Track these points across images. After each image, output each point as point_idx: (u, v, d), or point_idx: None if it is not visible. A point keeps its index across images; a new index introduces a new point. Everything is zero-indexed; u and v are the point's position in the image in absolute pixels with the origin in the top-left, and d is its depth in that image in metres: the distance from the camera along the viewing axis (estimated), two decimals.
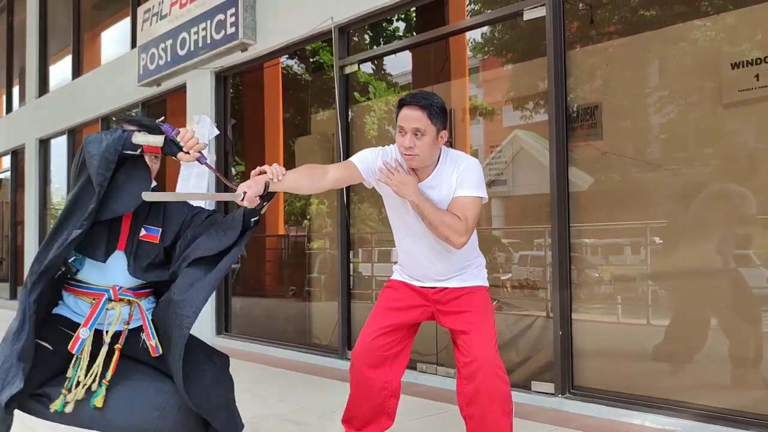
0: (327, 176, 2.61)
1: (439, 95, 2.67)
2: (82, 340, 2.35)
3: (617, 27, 4.19)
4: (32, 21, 11.42)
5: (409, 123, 2.55)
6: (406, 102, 2.59)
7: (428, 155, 2.59)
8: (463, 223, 2.52)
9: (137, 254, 2.45)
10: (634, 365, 3.86)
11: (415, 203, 2.56)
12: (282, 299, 7.01)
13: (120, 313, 2.43)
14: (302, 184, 2.55)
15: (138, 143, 2.27)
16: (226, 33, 6.35)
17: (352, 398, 2.83)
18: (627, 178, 3.95)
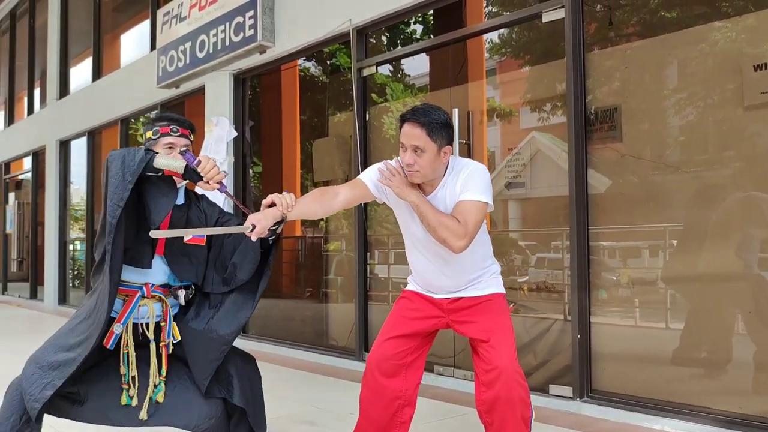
0: (337, 198, 2.61)
1: (443, 109, 2.61)
2: (116, 335, 2.43)
3: (636, 29, 4.16)
4: (53, 24, 11.56)
5: (408, 140, 2.52)
6: (406, 118, 2.55)
7: (430, 171, 2.56)
8: (462, 227, 2.47)
9: (182, 258, 2.53)
10: (653, 369, 3.83)
11: (415, 204, 2.53)
12: (299, 300, 7.04)
13: (153, 309, 2.50)
14: (312, 209, 2.57)
15: (159, 167, 2.30)
16: (244, 35, 6.39)
17: (363, 413, 2.76)
18: (646, 180, 3.93)
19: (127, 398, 2.47)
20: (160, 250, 2.51)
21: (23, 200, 13.40)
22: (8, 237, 13.83)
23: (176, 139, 2.53)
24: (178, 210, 2.57)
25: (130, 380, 2.47)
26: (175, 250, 2.52)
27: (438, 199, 2.61)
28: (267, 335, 6.62)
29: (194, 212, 2.63)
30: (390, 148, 5.52)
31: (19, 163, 13.74)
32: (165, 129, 2.53)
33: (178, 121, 2.56)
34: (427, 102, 2.66)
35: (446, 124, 2.54)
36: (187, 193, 2.67)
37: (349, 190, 2.66)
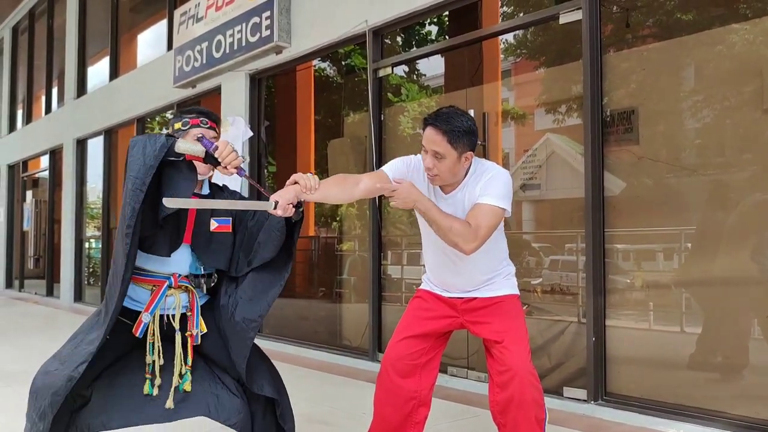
0: (358, 186, 2.59)
1: (467, 114, 2.59)
2: (144, 323, 2.45)
3: (653, 30, 4.14)
4: (71, 23, 11.67)
5: (429, 145, 2.52)
6: (428, 122, 2.54)
7: (449, 176, 2.57)
8: (473, 230, 2.46)
9: (211, 247, 2.54)
10: (669, 373, 3.81)
11: (422, 210, 2.52)
12: (312, 300, 7.06)
13: (179, 299, 2.52)
14: (333, 194, 2.54)
15: (180, 152, 2.31)
16: (261, 36, 6.42)
17: (377, 413, 2.76)
18: (663, 183, 3.91)
19: (149, 388, 2.48)
20: (187, 239, 2.52)
21: (40, 198, 13.54)
22: (25, 234, 13.97)
23: (205, 131, 2.55)
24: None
25: (156, 369, 2.49)
26: (202, 238, 2.54)
27: (457, 200, 2.62)
28: (281, 335, 6.64)
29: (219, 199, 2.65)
30: (404, 148, 5.53)
31: (37, 161, 13.87)
32: (195, 120, 2.56)
33: (207, 114, 2.60)
34: (445, 105, 2.64)
35: (469, 131, 2.52)
36: (210, 185, 2.69)
37: (370, 180, 2.64)
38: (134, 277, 2.51)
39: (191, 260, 2.56)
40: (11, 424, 2.56)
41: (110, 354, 2.45)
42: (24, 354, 6.12)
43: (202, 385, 2.55)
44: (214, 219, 2.54)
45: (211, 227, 2.52)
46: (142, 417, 2.49)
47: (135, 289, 2.52)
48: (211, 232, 2.53)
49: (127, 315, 2.48)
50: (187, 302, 2.54)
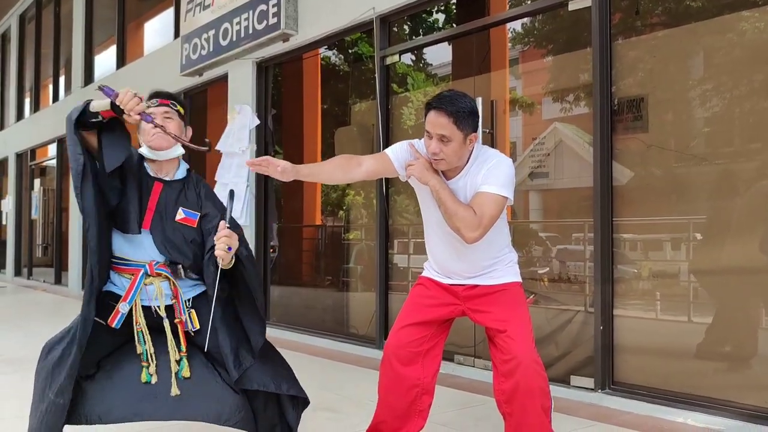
0: (360, 168, 2.62)
1: (469, 96, 2.58)
2: (121, 314, 2.45)
3: (663, 18, 4.10)
4: (78, 11, 11.65)
5: (434, 129, 2.50)
6: (432, 106, 2.52)
7: (455, 159, 2.55)
8: (477, 219, 2.46)
9: (169, 236, 2.49)
10: (677, 362, 3.80)
11: (435, 188, 2.51)
12: (319, 289, 7.07)
13: (160, 288, 2.49)
14: (337, 176, 2.61)
15: (95, 110, 2.32)
16: (268, 23, 6.39)
17: (381, 401, 2.77)
18: (673, 172, 3.88)
19: (147, 375, 2.47)
20: (146, 225, 2.48)
21: (48, 186, 13.58)
22: (33, 223, 14.02)
23: (155, 109, 2.52)
24: (169, 186, 2.54)
25: (149, 357, 2.48)
26: (162, 225, 2.50)
27: (459, 187, 2.60)
28: (288, 322, 6.66)
29: (191, 193, 2.59)
30: (411, 137, 5.49)
31: (44, 149, 13.90)
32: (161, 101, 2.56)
33: (159, 95, 2.58)
34: (452, 89, 2.62)
35: (473, 111, 2.52)
36: (189, 173, 2.65)
37: (373, 162, 2.66)
38: (116, 267, 2.52)
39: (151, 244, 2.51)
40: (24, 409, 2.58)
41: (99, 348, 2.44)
42: (32, 341, 6.13)
43: (201, 386, 2.51)
44: (182, 209, 2.52)
45: (177, 216, 2.49)
46: (143, 409, 2.47)
47: (120, 278, 2.52)
48: (174, 221, 2.50)
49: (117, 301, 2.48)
50: (169, 291, 2.51)
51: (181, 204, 2.53)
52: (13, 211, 14.81)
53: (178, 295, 2.52)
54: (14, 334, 6.70)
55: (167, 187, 2.54)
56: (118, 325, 2.44)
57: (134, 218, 2.46)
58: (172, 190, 2.55)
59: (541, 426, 2.51)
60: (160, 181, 2.55)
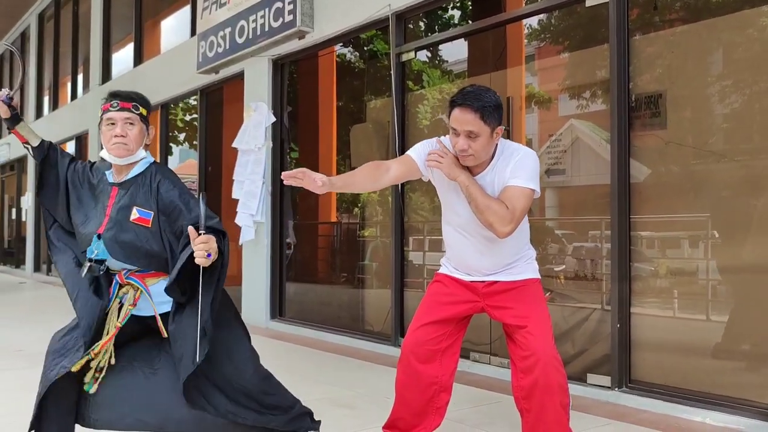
0: (388, 174, 2.62)
1: (492, 89, 2.57)
2: None
3: (681, 13, 4.07)
4: (96, 10, 11.75)
5: (461, 125, 2.49)
6: (457, 103, 2.51)
7: (483, 153, 2.55)
8: (510, 213, 2.46)
9: (119, 236, 2.40)
10: (695, 361, 3.77)
11: (465, 184, 2.51)
12: (334, 285, 7.09)
13: (132, 295, 2.46)
14: (367, 185, 2.63)
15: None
16: (283, 21, 6.41)
17: (399, 397, 2.77)
18: (692, 169, 3.85)
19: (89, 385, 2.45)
20: (100, 230, 2.41)
21: None
22: None
23: (115, 114, 2.44)
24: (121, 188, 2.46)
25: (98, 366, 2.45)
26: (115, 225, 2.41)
27: (486, 182, 2.59)
28: (303, 319, 6.68)
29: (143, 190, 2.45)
30: (426, 134, 5.50)
31: (63, 146, 14.03)
32: (106, 106, 2.48)
33: (119, 95, 2.48)
34: (474, 85, 2.61)
35: (498, 105, 2.52)
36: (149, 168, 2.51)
37: (398, 166, 2.66)
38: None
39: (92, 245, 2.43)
40: None
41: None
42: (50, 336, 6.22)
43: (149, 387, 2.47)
44: (136, 208, 2.42)
45: (131, 217, 2.41)
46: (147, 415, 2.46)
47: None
48: (129, 222, 2.40)
49: None
50: (132, 300, 2.46)
51: (134, 203, 2.43)
52: (32, 208, 14.97)
53: (152, 305, 2.46)
54: (34, 329, 6.77)
55: (121, 189, 2.47)
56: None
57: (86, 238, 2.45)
58: (124, 191, 2.46)
59: (560, 423, 2.50)
60: (116, 185, 2.49)
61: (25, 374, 4.64)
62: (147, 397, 2.47)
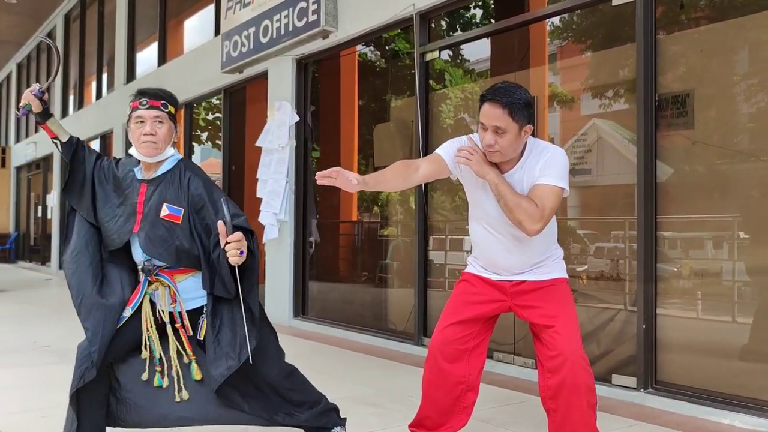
0: (418, 173, 2.62)
1: (524, 88, 2.57)
2: (123, 317, 2.47)
3: (708, 12, 4.03)
4: (121, 10, 11.88)
5: (489, 120, 2.49)
6: (487, 98, 2.51)
7: (510, 150, 2.54)
8: (539, 211, 2.45)
9: (153, 233, 2.44)
10: (722, 362, 3.74)
11: (494, 182, 2.51)
12: (356, 284, 7.11)
13: (164, 293, 2.50)
14: (398, 184, 2.60)
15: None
16: (307, 20, 6.44)
17: (426, 396, 2.77)
18: (719, 168, 3.81)
19: (159, 380, 2.49)
20: (135, 228, 2.46)
21: None
22: None
23: (145, 112, 2.46)
24: (151, 185, 2.50)
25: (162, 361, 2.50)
26: (147, 223, 2.45)
27: (515, 180, 2.59)
28: (326, 318, 6.71)
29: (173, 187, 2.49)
30: (449, 133, 5.50)
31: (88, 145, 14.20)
32: (135, 103, 2.49)
33: (148, 93, 2.49)
34: (506, 81, 2.61)
35: (528, 103, 2.52)
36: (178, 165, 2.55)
37: (428, 165, 2.66)
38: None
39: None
40: None
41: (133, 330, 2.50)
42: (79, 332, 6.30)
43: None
44: (166, 205, 2.46)
45: (161, 213, 2.45)
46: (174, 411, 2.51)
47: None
48: (158, 218, 2.45)
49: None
50: (169, 297, 2.50)
51: (164, 200, 2.47)
52: (57, 206, 15.18)
53: (177, 300, 2.51)
54: (61, 325, 6.87)
55: (150, 186, 2.51)
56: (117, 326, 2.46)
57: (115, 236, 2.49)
58: (154, 188, 2.50)
59: (587, 423, 2.50)
60: (145, 182, 2.53)
61: (53, 369, 4.72)
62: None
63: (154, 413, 2.51)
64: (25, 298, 9.70)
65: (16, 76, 20.11)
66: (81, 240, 2.52)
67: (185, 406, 2.51)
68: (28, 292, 10.62)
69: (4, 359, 5.06)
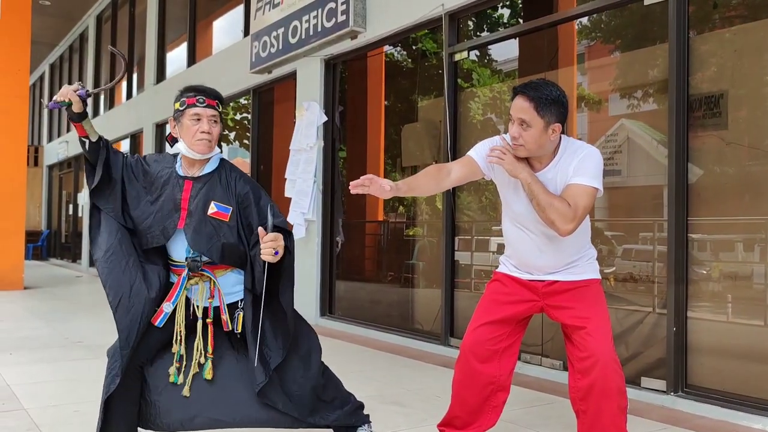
0: (450, 177, 2.63)
1: (558, 86, 2.56)
2: (165, 313, 2.49)
3: (741, 10, 3.97)
4: (152, 11, 12.04)
5: (515, 113, 2.51)
6: (517, 91, 2.54)
7: (535, 147, 2.53)
8: (572, 211, 2.44)
9: (201, 229, 2.47)
10: (754, 366, 3.68)
11: (527, 181, 2.50)
12: (382, 284, 7.12)
13: (203, 288, 2.52)
14: (430, 187, 2.63)
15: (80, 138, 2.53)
16: (336, 21, 6.47)
17: (456, 396, 2.77)
18: (752, 170, 3.76)
19: (175, 377, 2.52)
20: (180, 224, 2.49)
21: None
22: None
23: (202, 110, 2.49)
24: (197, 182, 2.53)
25: (183, 358, 2.52)
26: (194, 219, 2.48)
27: (548, 180, 2.58)
28: (352, 317, 6.74)
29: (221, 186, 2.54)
30: (477, 133, 5.49)
31: (118, 145, 14.40)
32: (191, 100, 2.51)
33: (205, 92, 2.52)
34: (543, 79, 2.61)
35: (557, 100, 2.50)
36: (222, 164, 2.60)
37: (460, 168, 2.67)
38: (171, 267, 2.58)
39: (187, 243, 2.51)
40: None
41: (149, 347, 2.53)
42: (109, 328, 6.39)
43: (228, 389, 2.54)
44: (213, 203, 2.50)
45: (209, 211, 2.48)
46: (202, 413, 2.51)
47: (174, 277, 2.58)
48: (205, 215, 2.48)
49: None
50: (209, 292, 2.53)
51: (212, 198, 2.51)
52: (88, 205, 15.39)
53: (219, 297, 2.53)
54: (92, 321, 7.00)
55: (196, 184, 2.53)
56: (161, 324, 2.49)
57: (158, 234, 2.50)
58: (201, 185, 2.53)
59: (616, 426, 2.48)
60: (189, 179, 2.55)
61: (85, 365, 4.81)
62: (215, 395, 2.53)
63: (180, 415, 2.53)
64: (57, 295, 9.88)
65: (49, 77, 20.48)
66: (113, 239, 2.51)
67: (214, 407, 2.52)
68: (59, 289, 10.82)
69: (38, 354, 5.17)
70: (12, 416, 3.47)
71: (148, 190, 2.57)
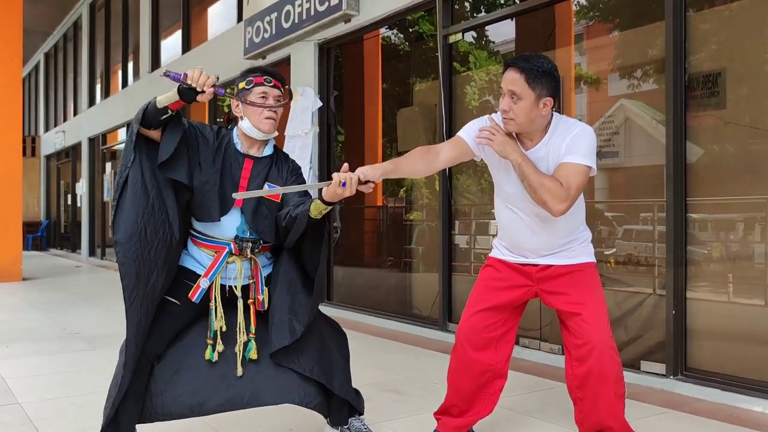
0: (439, 158, 2.55)
1: (549, 59, 2.49)
2: (202, 289, 2.49)
3: None
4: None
5: (506, 85, 2.44)
6: (508, 63, 2.47)
7: (525, 121, 2.45)
8: (564, 191, 2.37)
9: (259, 211, 2.53)
10: (754, 349, 3.65)
11: (517, 162, 2.43)
12: (381, 269, 7.09)
13: (241, 267, 2.53)
14: (418, 168, 2.54)
15: (162, 105, 2.32)
16: (329, 4, 6.39)
17: (452, 385, 2.74)
18: (752, 149, 3.70)
19: (210, 353, 2.50)
20: (239, 202, 2.52)
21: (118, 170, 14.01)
22: (106, 205, 14.53)
23: (269, 89, 2.51)
24: (259, 163, 2.57)
25: (217, 334, 2.51)
26: (252, 201, 2.53)
27: (540, 158, 2.51)
28: (350, 303, 6.71)
29: (278, 169, 2.62)
30: (473, 117, 5.39)
31: (115, 134, 14.35)
32: (259, 79, 2.52)
33: (272, 73, 2.55)
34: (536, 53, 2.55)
35: (548, 72, 2.42)
36: (277, 151, 2.66)
37: (449, 149, 2.60)
38: (198, 242, 2.55)
39: (240, 223, 2.54)
40: (101, 387, 2.67)
41: (174, 323, 2.50)
42: (108, 319, 6.40)
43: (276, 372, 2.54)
44: (268, 184, 2.55)
45: (265, 192, 2.51)
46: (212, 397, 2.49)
47: (199, 253, 2.55)
48: (262, 197, 2.52)
49: (193, 279, 2.51)
50: (249, 271, 2.55)
51: (269, 180, 2.58)
52: (86, 194, 15.39)
53: (258, 275, 2.55)
54: (91, 312, 6.98)
55: (257, 164, 2.58)
56: (197, 300, 2.48)
57: (216, 205, 2.49)
58: (262, 166, 2.58)
59: (614, 413, 2.45)
60: (250, 157, 2.58)
61: (83, 356, 4.78)
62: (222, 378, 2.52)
63: (189, 401, 2.49)
64: (56, 286, 9.86)
65: (44, 66, 20.36)
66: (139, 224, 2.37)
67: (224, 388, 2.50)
68: (58, 280, 10.80)
69: (35, 346, 5.14)
70: (5, 410, 3.44)
71: (212, 157, 2.53)
